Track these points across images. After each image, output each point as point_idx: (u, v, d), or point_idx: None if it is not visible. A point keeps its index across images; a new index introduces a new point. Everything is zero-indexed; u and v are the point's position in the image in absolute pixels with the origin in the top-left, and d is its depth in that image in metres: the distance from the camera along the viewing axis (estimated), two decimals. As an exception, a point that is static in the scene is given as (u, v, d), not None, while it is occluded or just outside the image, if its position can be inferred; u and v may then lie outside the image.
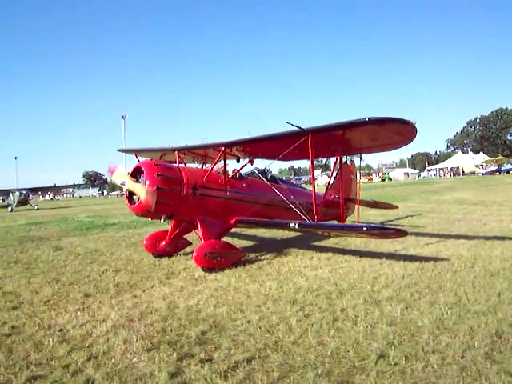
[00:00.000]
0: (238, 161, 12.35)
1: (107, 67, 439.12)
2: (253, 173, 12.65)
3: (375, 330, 5.79)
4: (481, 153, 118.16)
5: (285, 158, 12.61)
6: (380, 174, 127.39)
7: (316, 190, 11.87)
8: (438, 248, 11.54)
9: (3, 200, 63.28)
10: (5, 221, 31.92)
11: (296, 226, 10.07)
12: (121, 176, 10.38)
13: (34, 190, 66.02)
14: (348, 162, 17.49)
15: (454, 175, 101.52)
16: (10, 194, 56.18)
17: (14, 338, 6.20)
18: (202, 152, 12.75)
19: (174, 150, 12.82)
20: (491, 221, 16.47)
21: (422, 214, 21.04)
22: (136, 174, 10.40)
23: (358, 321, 6.20)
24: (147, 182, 10.03)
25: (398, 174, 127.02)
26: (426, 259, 10.00)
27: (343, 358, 5.02)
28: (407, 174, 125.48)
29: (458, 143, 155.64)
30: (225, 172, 11.72)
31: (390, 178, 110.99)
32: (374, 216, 20.33)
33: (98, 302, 7.95)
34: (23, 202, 55.18)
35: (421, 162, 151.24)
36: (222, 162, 11.67)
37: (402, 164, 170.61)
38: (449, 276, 8.48)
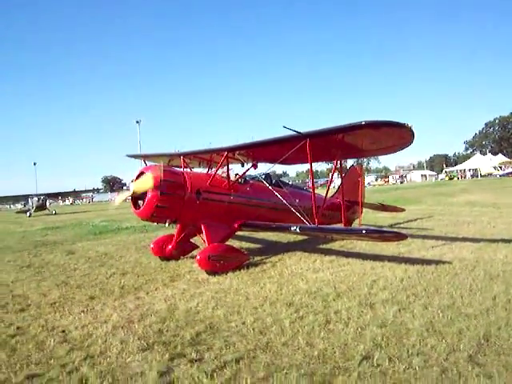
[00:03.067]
0: (243, 165, 12.53)
1: (123, 72, 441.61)
2: (259, 176, 12.80)
3: (365, 332, 5.90)
4: (499, 154, 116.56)
5: (286, 162, 12.73)
6: (398, 176, 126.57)
7: (328, 194, 12.01)
8: (443, 251, 11.55)
9: (24, 205, 64.20)
10: (22, 226, 32.54)
11: (297, 230, 10.22)
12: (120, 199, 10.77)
13: (53, 196, 66.97)
14: (355, 165, 17.59)
15: (472, 177, 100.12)
16: (29, 200, 57.06)
17: (18, 339, 6.46)
18: (207, 157, 12.94)
19: (179, 155, 13.06)
20: (501, 223, 16.38)
21: (433, 216, 20.99)
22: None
23: (350, 323, 6.32)
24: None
25: (415, 176, 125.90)
26: (428, 262, 10.04)
27: (329, 358, 5.14)
28: (425, 176, 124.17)
29: (477, 144, 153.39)
30: (228, 176, 11.91)
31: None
32: (384, 219, 20.30)
33: (102, 304, 8.19)
34: (41, 207, 55.93)
35: (439, 163, 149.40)
36: (228, 166, 11.88)
37: (419, 166, 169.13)
38: (448, 279, 8.53)
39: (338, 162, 11.90)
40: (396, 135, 9.96)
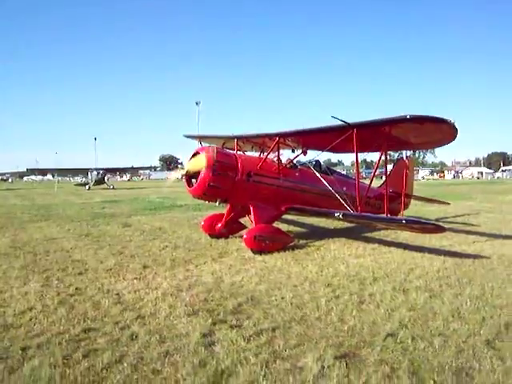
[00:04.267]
0: (293, 151, 12.99)
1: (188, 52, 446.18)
2: (309, 163, 13.23)
3: (394, 314, 6.33)
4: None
5: (334, 150, 13.10)
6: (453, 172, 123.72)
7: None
8: (484, 246, 11.74)
9: (84, 179, 66.67)
10: (81, 198, 34.15)
11: (340, 216, 10.64)
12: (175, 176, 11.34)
13: (112, 171, 69.26)
14: (404, 157, 17.74)
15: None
16: (89, 173, 59.26)
17: (77, 298, 7.20)
18: (259, 141, 13.47)
19: (233, 138, 13.64)
20: (549, 225, 16.20)
21: (480, 212, 20.90)
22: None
23: (382, 305, 6.75)
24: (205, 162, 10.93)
25: (470, 173, 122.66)
26: (467, 256, 10.31)
27: (357, 333, 5.61)
28: (481, 173, 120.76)
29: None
30: (279, 161, 12.41)
31: None
32: (432, 212, 20.38)
33: (154, 273, 8.89)
34: (100, 181, 58.02)
35: (497, 161, 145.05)
36: (279, 151, 12.39)
37: (477, 163, 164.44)
38: (483, 272, 8.81)
39: (384, 153, 12.15)
40: (439, 130, 10.20)
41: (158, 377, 4.53)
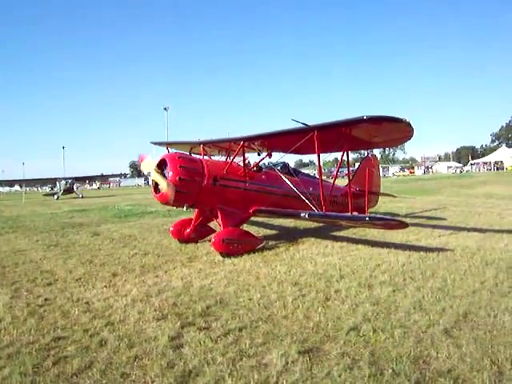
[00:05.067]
0: (259, 154, 13.17)
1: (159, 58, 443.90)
2: (275, 165, 13.42)
3: (358, 308, 6.53)
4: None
5: (298, 152, 13.40)
6: (424, 167, 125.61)
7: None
8: (449, 239, 12.06)
9: (52, 188, 65.89)
10: (50, 208, 33.72)
11: (306, 216, 10.85)
12: (148, 166, 11.31)
13: (81, 179, 68.58)
14: (369, 155, 18.07)
15: (497, 169, 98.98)
16: (57, 183, 58.60)
17: (46, 308, 7.22)
18: (225, 145, 13.58)
19: (200, 143, 13.77)
20: (511, 215, 16.79)
21: (447, 207, 21.39)
22: (161, 165, 11.33)
23: (347, 300, 6.95)
24: (170, 173, 10.98)
25: (440, 168, 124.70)
26: (432, 249, 10.57)
27: (321, 329, 5.79)
28: (451, 167, 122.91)
29: (504, 137, 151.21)
30: (244, 164, 12.57)
31: None
32: (400, 209, 20.87)
33: (124, 280, 8.93)
34: (69, 190, 57.32)
35: (466, 155, 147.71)
36: (244, 155, 12.55)
37: (446, 157, 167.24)
38: (446, 264, 9.09)
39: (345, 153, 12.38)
40: (396, 129, 10.48)
41: (127, 380, 4.65)
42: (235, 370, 4.70)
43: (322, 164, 12.70)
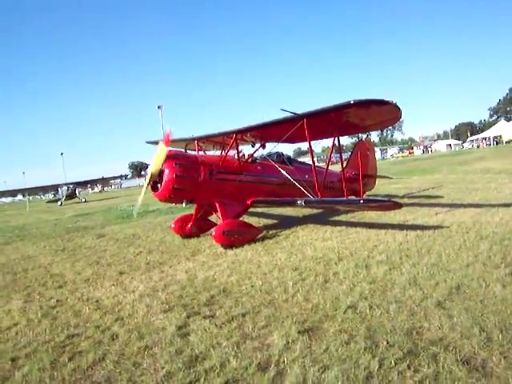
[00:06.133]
0: (253, 146, 13.41)
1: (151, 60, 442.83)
2: (269, 155, 13.66)
3: (355, 288, 6.80)
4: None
5: (291, 141, 13.66)
6: (423, 147, 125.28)
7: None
8: (445, 217, 12.28)
9: (54, 195, 66.22)
10: (54, 214, 34.11)
11: (303, 203, 11.10)
12: (161, 149, 11.26)
13: (82, 184, 68.85)
14: (363, 139, 18.31)
15: (497, 144, 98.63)
16: (59, 189, 58.97)
17: (58, 309, 7.54)
18: (219, 140, 13.81)
19: (194, 139, 14.01)
20: (507, 188, 16.94)
21: (444, 184, 21.62)
22: None
23: (345, 281, 7.22)
24: (166, 171, 11.22)
25: (440, 146, 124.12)
26: (428, 227, 10.81)
27: (320, 309, 6.07)
28: (450, 145, 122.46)
29: (501, 111, 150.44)
30: (239, 157, 12.83)
31: None
32: (398, 189, 21.16)
33: (130, 277, 9.24)
34: (71, 195, 57.77)
35: (465, 132, 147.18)
36: (238, 147, 12.83)
37: (445, 135, 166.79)
38: (441, 241, 9.33)
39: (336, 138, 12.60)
40: (384, 111, 10.68)
41: (139, 368, 4.94)
42: (239, 351, 5.00)
43: (322, 151, 12.93)
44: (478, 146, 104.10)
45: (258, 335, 5.43)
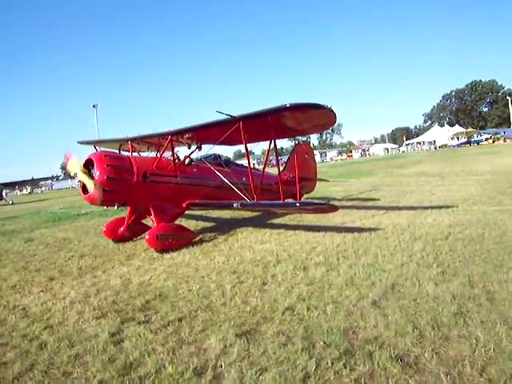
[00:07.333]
0: (189, 147, 13.17)
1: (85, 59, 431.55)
2: (206, 158, 13.49)
3: (293, 290, 6.78)
4: (456, 125, 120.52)
5: (227, 143, 13.53)
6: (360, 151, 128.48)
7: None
8: (382, 219, 12.53)
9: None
10: (-23, 218, 32.37)
11: (239, 206, 11.01)
12: (74, 166, 11.02)
13: (10, 185, 65.98)
14: (300, 142, 18.46)
15: (435, 148, 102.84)
16: (-17, 191, 56.18)
17: (-19, 319, 7.06)
18: (155, 141, 13.51)
19: (127, 140, 13.60)
20: (440, 191, 17.61)
21: (381, 187, 22.15)
22: (88, 164, 11.03)
23: (283, 283, 7.18)
24: (97, 173, 10.75)
25: (377, 150, 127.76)
26: (365, 229, 11.00)
27: (258, 312, 5.99)
28: (387, 149, 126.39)
29: (435, 117, 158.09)
30: (174, 158, 12.56)
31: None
32: (337, 192, 21.46)
33: (61, 283, 8.79)
34: (-3, 197, 55.13)
35: (401, 136, 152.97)
36: (173, 149, 12.62)
37: (382, 139, 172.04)
38: (377, 242, 9.49)
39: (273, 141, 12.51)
40: (320, 115, 10.80)
41: (69, 378, 4.69)
42: (175, 357, 4.84)
43: (262, 153, 12.93)
44: (413, 150, 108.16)
45: (195, 340, 5.27)
